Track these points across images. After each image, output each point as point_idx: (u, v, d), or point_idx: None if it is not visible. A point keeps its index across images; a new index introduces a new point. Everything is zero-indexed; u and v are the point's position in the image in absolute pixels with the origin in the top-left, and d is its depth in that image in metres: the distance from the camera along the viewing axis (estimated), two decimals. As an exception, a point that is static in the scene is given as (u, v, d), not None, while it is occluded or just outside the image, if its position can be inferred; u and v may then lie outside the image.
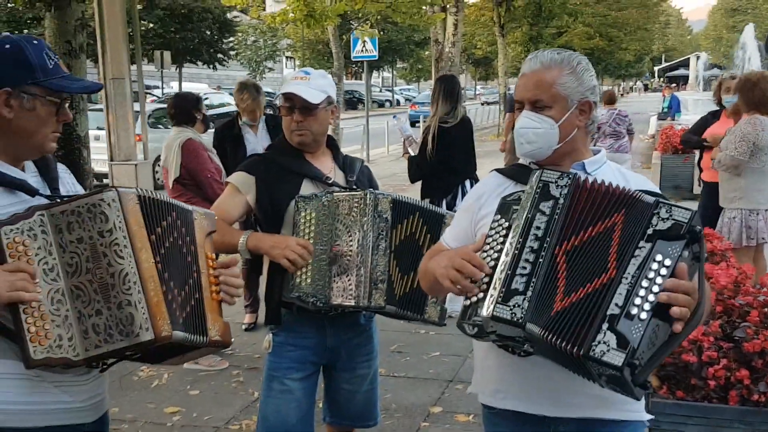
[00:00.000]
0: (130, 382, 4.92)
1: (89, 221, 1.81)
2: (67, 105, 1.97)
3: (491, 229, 1.90)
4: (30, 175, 1.99)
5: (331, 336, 2.79)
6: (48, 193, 1.98)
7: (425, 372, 5.08)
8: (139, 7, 13.43)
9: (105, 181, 10.98)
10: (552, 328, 1.73)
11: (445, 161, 6.02)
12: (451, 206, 6.09)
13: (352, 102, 41.28)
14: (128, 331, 1.79)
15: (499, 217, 1.91)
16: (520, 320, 1.75)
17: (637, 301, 1.68)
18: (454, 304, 6.25)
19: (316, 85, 2.76)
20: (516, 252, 1.81)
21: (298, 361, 2.78)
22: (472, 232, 2.10)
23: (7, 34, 2.01)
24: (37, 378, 1.88)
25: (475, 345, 2.12)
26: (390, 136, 20.04)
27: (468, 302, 1.84)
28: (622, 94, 79.40)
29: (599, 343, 1.66)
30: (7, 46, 1.89)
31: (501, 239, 1.87)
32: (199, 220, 2.10)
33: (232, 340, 2.16)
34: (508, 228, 1.87)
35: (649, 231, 1.75)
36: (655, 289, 1.69)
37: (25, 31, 28.81)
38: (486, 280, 1.82)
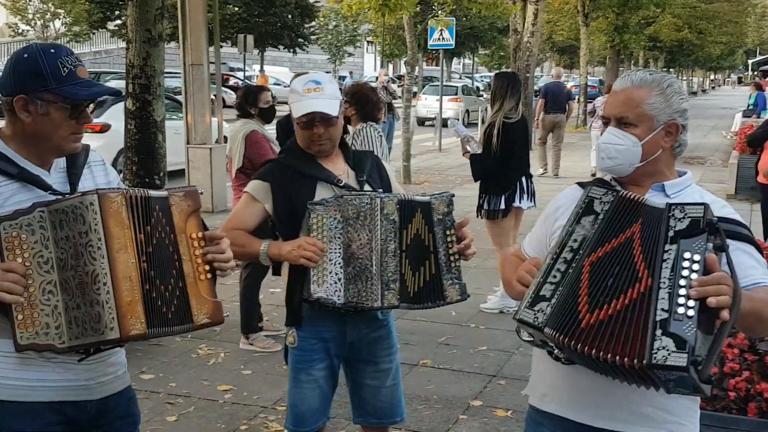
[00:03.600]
0: (188, 360, 5.20)
1: (72, 221, 1.95)
2: (90, 108, 2.10)
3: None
4: (56, 171, 2.14)
5: (350, 330, 2.92)
6: (67, 188, 2.12)
7: (470, 365, 5.19)
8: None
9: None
10: (593, 343, 1.79)
11: (507, 157, 6.08)
12: (510, 203, 6.15)
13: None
14: (96, 328, 1.93)
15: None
16: (540, 324, 1.84)
17: (681, 300, 1.72)
18: (506, 299, 6.35)
19: (330, 94, 2.82)
20: (551, 262, 1.91)
21: (320, 352, 2.93)
22: (547, 242, 2.17)
23: (34, 43, 2.18)
24: (39, 357, 2.04)
25: (534, 350, 2.19)
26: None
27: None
28: (712, 87, 76.86)
29: (658, 349, 1.70)
30: (25, 55, 2.05)
31: None
32: (177, 203, 2.11)
33: (226, 315, 2.22)
34: None
35: (670, 233, 1.81)
36: (693, 292, 1.73)
37: (116, 12, 29.88)
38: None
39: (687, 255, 1.77)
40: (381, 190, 2.91)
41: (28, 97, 2.03)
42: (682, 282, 1.74)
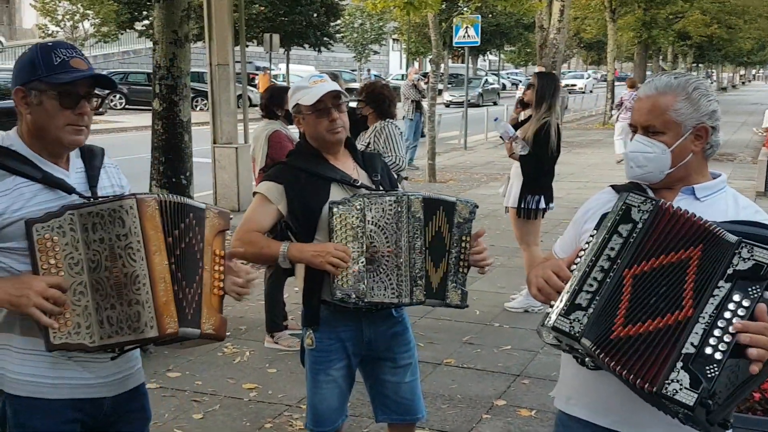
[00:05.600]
0: (214, 358, 5.25)
1: (109, 224, 2.01)
2: (94, 98, 2.12)
3: (586, 243, 1.95)
4: (75, 171, 2.20)
5: (367, 328, 2.94)
6: (87, 190, 2.18)
7: (494, 365, 5.18)
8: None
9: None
10: (615, 356, 1.77)
11: (554, 158, 6.16)
12: (548, 203, 6.21)
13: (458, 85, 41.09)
14: (135, 327, 1.99)
15: (595, 232, 1.95)
16: (577, 334, 1.82)
17: (713, 341, 1.69)
18: (530, 298, 6.34)
19: (332, 85, 2.87)
20: (587, 269, 1.87)
21: (338, 352, 2.95)
22: (577, 244, 2.13)
23: (44, 43, 2.23)
24: (62, 356, 2.11)
25: (562, 354, 2.18)
26: (489, 123, 19.95)
27: (549, 310, 1.93)
28: (743, 82, 75.76)
29: (672, 381, 1.68)
30: (27, 52, 2.15)
31: None
32: (211, 218, 2.23)
33: (228, 334, 2.31)
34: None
35: (730, 271, 1.75)
36: (732, 329, 1.69)
37: (144, 12, 30.15)
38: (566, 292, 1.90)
39: (737, 297, 1.72)
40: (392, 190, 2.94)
41: (24, 88, 2.10)
42: (721, 323, 1.71)
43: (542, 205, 6.16)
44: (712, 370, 1.66)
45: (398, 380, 3.05)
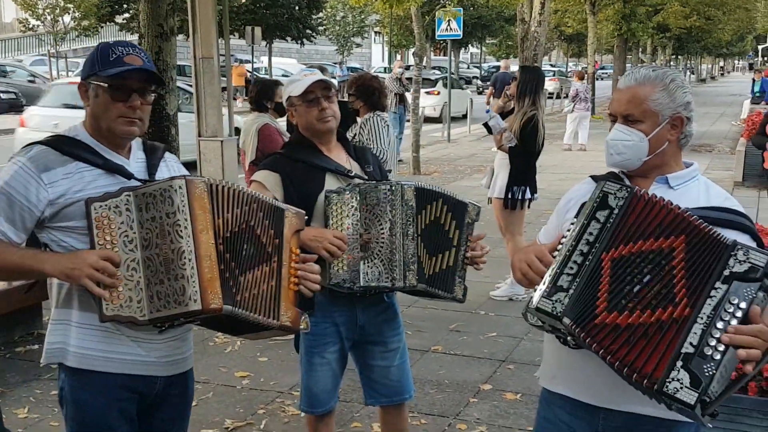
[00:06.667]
0: (206, 348, 5.33)
1: (160, 203, 2.13)
2: (148, 92, 2.27)
3: (567, 230, 2.06)
4: (135, 161, 2.35)
5: (360, 313, 3.06)
6: (146, 177, 2.32)
7: (480, 351, 5.32)
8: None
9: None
10: (597, 338, 1.86)
11: (539, 151, 6.33)
12: (533, 193, 6.39)
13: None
14: (180, 300, 2.09)
15: (575, 220, 2.05)
16: (559, 314, 1.92)
17: (712, 342, 1.78)
18: (515, 287, 6.49)
19: (321, 76, 3.00)
20: (567, 253, 1.97)
21: (332, 336, 3.06)
22: (559, 232, 2.21)
23: (107, 41, 2.39)
24: (117, 332, 2.23)
25: (545, 334, 2.28)
26: (471, 116, 20.08)
27: (533, 294, 2.02)
28: (722, 74, 76.34)
29: (673, 380, 1.76)
30: (94, 49, 2.31)
31: None
32: (290, 218, 2.40)
33: (302, 327, 2.46)
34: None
35: (726, 272, 1.84)
36: (726, 339, 1.77)
37: (124, 5, 29.99)
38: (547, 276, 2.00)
39: (734, 300, 1.81)
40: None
41: (85, 83, 2.27)
42: (720, 325, 1.79)
43: (527, 195, 6.31)
44: (709, 369, 1.75)
45: (388, 364, 3.17)
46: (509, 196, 6.28)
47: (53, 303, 2.30)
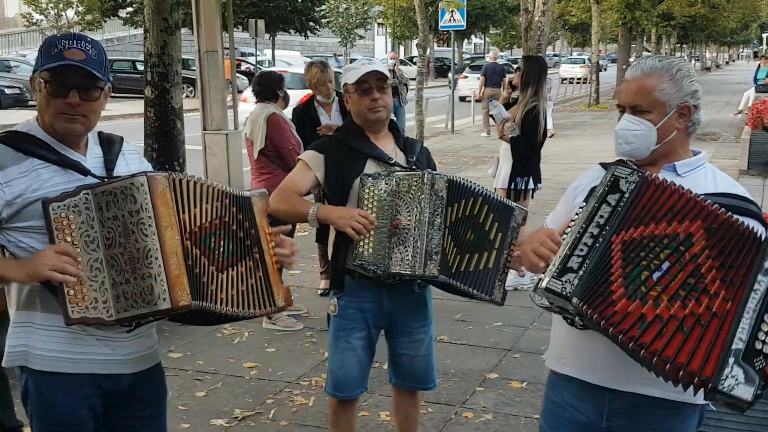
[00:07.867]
0: (214, 339, 5.38)
1: (122, 201, 2.09)
2: (93, 88, 2.17)
3: (576, 215, 2.06)
4: (92, 156, 2.28)
5: (387, 301, 3.11)
6: (104, 173, 2.26)
7: (485, 340, 5.36)
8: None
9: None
10: (624, 330, 1.84)
11: (542, 141, 6.35)
12: (537, 183, 6.43)
13: (442, 70, 41.11)
14: (149, 300, 2.07)
15: (584, 204, 2.06)
16: (568, 294, 1.93)
17: (761, 335, 1.78)
18: (517, 277, 6.51)
19: (378, 66, 3.10)
20: (577, 235, 1.98)
21: (359, 322, 3.12)
22: (568, 218, 2.24)
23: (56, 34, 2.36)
24: (82, 332, 2.20)
25: (553, 316, 2.31)
26: (476, 107, 20.07)
27: (541, 276, 2.04)
28: (727, 62, 76.09)
29: (727, 377, 1.74)
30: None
31: None
32: (257, 203, 2.37)
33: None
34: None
35: (766, 265, 1.84)
36: None
37: None
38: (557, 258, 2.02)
39: None
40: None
41: (34, 76, 2.21)
42: (767, 318, 1.80)
43: (531, 185, 6.34)
44: (760, 363, 1.76)
45: (413, 354, 3.23)
46: (512, 187, 6.31)
47: (13, 306, 2.26)
